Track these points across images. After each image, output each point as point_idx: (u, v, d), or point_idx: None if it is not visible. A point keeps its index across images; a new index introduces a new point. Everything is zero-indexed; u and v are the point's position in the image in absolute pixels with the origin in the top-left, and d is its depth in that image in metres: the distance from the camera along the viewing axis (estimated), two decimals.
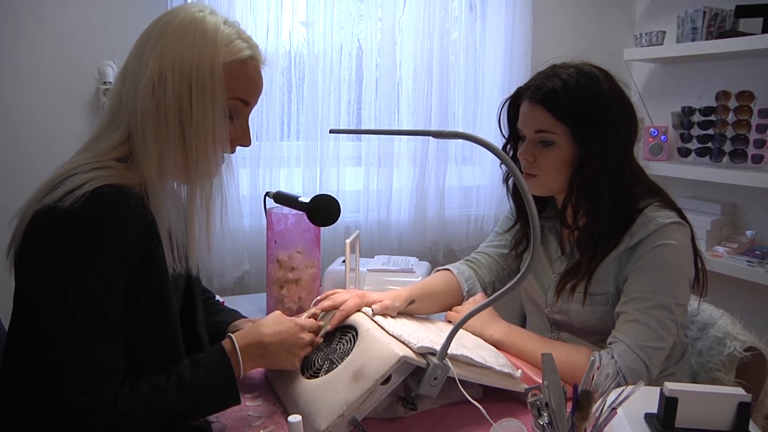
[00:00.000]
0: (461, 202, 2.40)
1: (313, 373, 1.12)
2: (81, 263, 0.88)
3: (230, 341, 1.06)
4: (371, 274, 1.67)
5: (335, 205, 1.39)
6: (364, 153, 2.22)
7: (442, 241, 2.35)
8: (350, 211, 2.22)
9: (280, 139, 2.07)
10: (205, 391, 0.98)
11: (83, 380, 0.89)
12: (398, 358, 1.01)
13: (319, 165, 2.12)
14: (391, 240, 2.27)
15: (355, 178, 2.22)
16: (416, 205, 2.29)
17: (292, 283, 1.52)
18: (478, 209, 2.42)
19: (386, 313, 1.24)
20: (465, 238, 2.39)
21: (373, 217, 2.24)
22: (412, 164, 2.28)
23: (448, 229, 2.37)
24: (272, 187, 1.90)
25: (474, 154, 2.42)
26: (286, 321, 1.13)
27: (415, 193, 2.29)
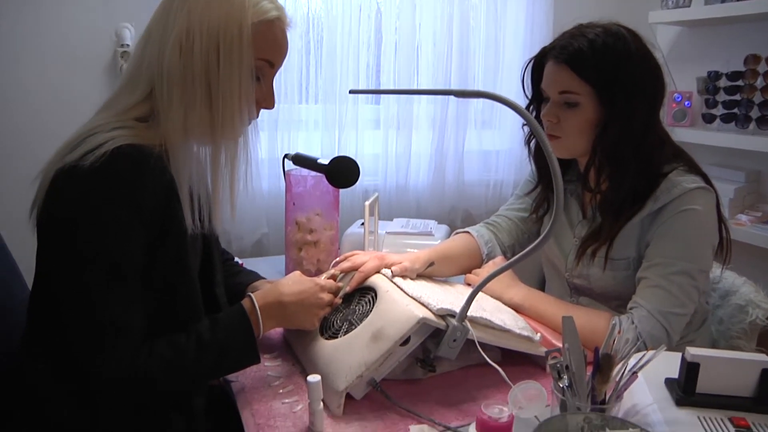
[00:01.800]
0: (480, 167, 2.37)
1: (332, 334, 1.12)
2: (100, 223, 0.88)
3: (250, 300, 1.06)
4: (390, 236, 1.67)
5: (354, 167, 1.38)
6: (383, 116, 2.19)
7: (460, 205, 2.34)
8: (369, 174, 2.20)
9: (298, 102, 2.06)
10: (224, 350, 0.99)
11: (102, 340, 0.89)
12: (418, 319, 1.01)
13: (337, 128, 2.10)
14: (410, 204, 2.25)
15: (374, 142, 2.20)
16: (435, 169, 2.27)
17: (311, 246, 1.51)
18: (497, 174, 2.39)
19: (405, 275, 1.23)
20: (483, 202, 2.37)
21: (392, 181, 2.23)
22: (431, 128, 2.26)
23: (467, 193, 2.35)
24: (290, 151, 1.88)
25: (494, 118, 2.39)
26: (306, 281, 1.13)
27: (434, 157, 2.27)
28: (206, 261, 1.12)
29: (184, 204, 0.96)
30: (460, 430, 0.96)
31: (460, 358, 1.09)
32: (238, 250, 2.02)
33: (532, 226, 1.50)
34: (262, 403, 1.03)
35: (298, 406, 1.02)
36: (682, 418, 0.86)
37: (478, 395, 1.06)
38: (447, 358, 1.05)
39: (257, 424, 0.97)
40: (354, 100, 2.10)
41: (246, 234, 2.03)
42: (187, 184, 0.96)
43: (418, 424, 0.97)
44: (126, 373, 0.90)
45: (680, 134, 2.16)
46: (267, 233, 2.06)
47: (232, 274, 1.30)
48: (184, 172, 0.96)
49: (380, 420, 0.98)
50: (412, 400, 1.04)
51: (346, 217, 1.98)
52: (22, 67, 1.79)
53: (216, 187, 0.99)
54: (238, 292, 1.21)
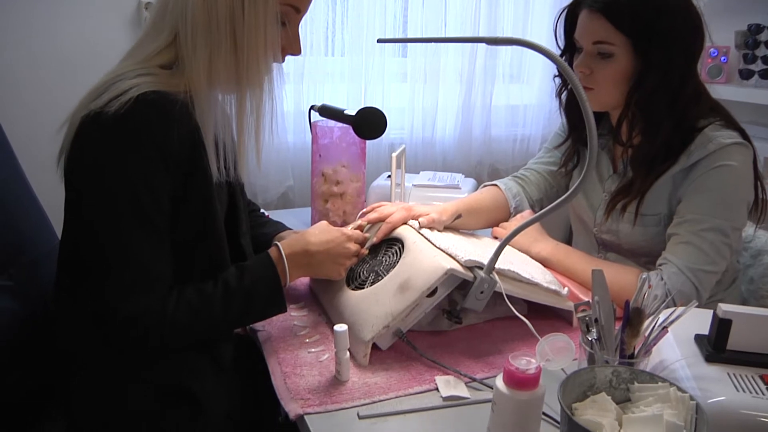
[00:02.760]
0: (508, 121, 2.34)
1: (359, 285, 1.12)
2: (126, 169, 0.88)
3: (277, 249, 1.06)
4: (416, 189, 1.65)
5: (381, 118, 1.37)
6: (410, 69, 2.16)
7: (487, 160, 2.32)
8: (395, 128, 2.18)
9: (324, 54, 2.03)
10: (251, 298, 0.99)
11: (131, 286, 0.90)
12: (445, 270, 1.00)
13: (363, 81, 2.07)
14: (436, 158, 2.24)
15: (400, 95, 2.17)
16: (462, 123, 2.24)
17: (337, 197, 1.51)
18: (525, 129, 2.36)
19: (433, 227, 1.22)
20: (510, 157, 2.35)
21: (418, 134, 2.20)
22: (458, 81, 2.22)
23: (494, 148, 2.32)
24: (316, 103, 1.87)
25: (522, 72, 2.34)
26: (333, 230, 1.12)
27: (461, 111, 2.24)
28: (231, 211, 1.12)
29: (210, 152, 0.95)
30: (486, 381, 0.96)
31: (486, 311, 1.09)
32: (264, 203, 2.02)
33: (561, 180, 1.48)
34: (288, 352, 1.04)
35: (324, 356, 1.02)
36: (711, 375, 0.85)
37: (504, 348, 1.06)
38: (473, 310, 1.05)
39: (284, 373, 0.98)
40: (380, 53, 2.07)
41: (271, 186, 2.03)
42: (212, 131, 0.96)
43: (443, 375, 0.98)
44: (156, 319, 0.91)
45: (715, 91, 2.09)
46: (292, 185, 2.06)
47: (258, 225, 1.30)
48: (209, 120, 0.95)
49: (406, 370, 0.99)
50: (438, 351, 1.04)
51: (372, 170, 1.96)
52: (49, 18, 1.78)
53: (241, 134, 0.98)
54: (264, 243, 1.21)
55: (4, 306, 1.03)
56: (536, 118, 2.36)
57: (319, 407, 0.89)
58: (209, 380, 1.01)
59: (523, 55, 2.31)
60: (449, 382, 0.95)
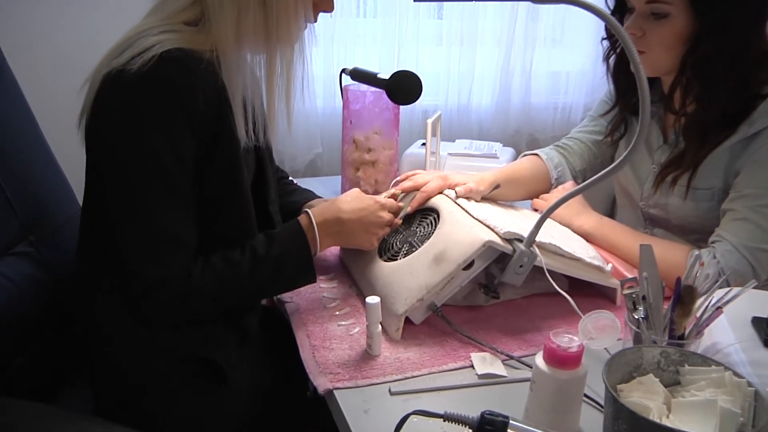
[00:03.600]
0: (548, 89, 2.29)
1: (392, 256, 1.10)
2: (149, 129, 0.87)
3: (307, 217, 1.05)
4: (452, 158, 1.63)
5: (416, 82, 1.34)
6: (445, 32, 2.11)
7: (525, 129, 2.27)
8: (429, 94, 2.12)
9: (356, 15, 2.00)
10: (280, 266, 0.98)
11: (156, 251, 0.89)
12: (483, 242, 0.98)
13: (396, 44, 2.03)
14: (472, 126, 2.20)
15: (435, 59, 2.13)
16: (500, 89, 2.20)
17: (369, 165, 1.49)
18: (567, 97, 2.31)
19: (470, 197, 1.20)
20: (550, 127, 2.30)
21: (453, 101, 2.17)
22: (497, 45, 2.17)
23: (533, 116, 2.28)
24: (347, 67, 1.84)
25: (565, 36, 2.28)
26: (366, 198, 1.11)
27: (499, 76, 2.19)
28: (259, 177, 1.11)
29: (237, 114, 0.94)
30: (524, 359, 0.94)
31: (525, 286, 1.07)
32: (291, 171, 2.01)
33: (606, 150, 1.44)
34: (317, 324, 1.03)
35: (354, 329, 1.01)
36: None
37: (542, 325, 1.04)
38: (511, 285, 1.03)
39: (312, 346, 0.97)
40: (415, 14, 2.03)
41: (299, 153, 2.02)
42: (240, 92, 0.94)
43: (479, 351, 0.96)
44: (180, 286, 0.91)
45: None
46: (321, 153, 2.04)
47: (287, 193, 1.29)
48: (236, 80, 0.93)
49: (439, 346, 0.97)
50: (474, 327, 1.02)
51: (405, 138, 1.94)
52: None
53: (271, 96, 0.96)
54: (292, 211, 1.20)
55: (28, 273, 1.03)
56: (579, 85, 2.30)
57: (349, 382, 0.88)
58: (234, 352, 1.01)
59: (566, 18, 2.25)
60: (485, 359, 0.94)
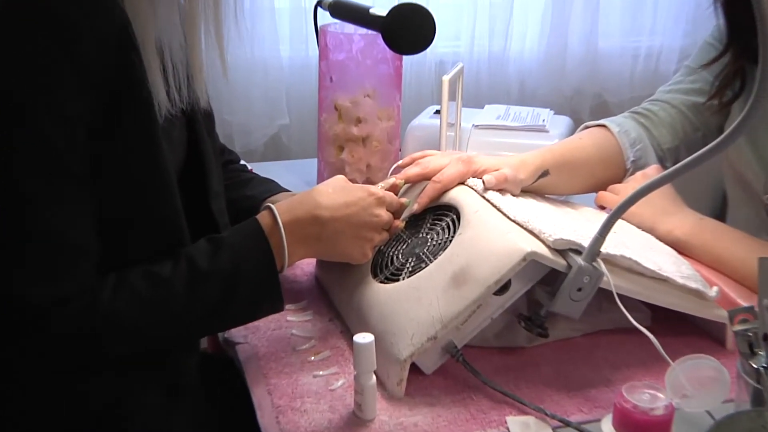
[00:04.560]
0: (625, 27, 2.32)
1: (391, 275, 1.12)
2: (19, 86, 0.87)
3: (270, 215, 1.05)
4: (480, 131, 1.65)
5: (427, 20, 1.35)
6: None
7: (590, 88, 2.31)
8: (446, 38, 2.17)
9: None
10: (230, 287, 0.99)
11: (43, 265, 0.90)
12: (523, 254, 0.99)
13: None
14: (510, 85, 2.23)
15: None
16: (551, 30, 2.23)
17: (358, 143, 1.51)
18: (653, 39, 2.34)
19: (505, 189, 1.22)
20: (628, 83, 2.33)
21: (482, 48, 2.19)
22: None
23: (602, 69, 2.31)
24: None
25: None
26: (355, 189, 1.12)
27: (550, 11, 2.23)
28: (193, 160, 1.12)
29: (150, 63, 0.94)
30: (586, 426, 0.95)
31: (586, 319, 1.09)
32: (245, 151, 2.03)
33: (711, 118, 1.46)
34: (283, 375, 1.05)
35: (337, 382, 1.03)
36: None
37: (612, 376, 1.06)
38: (566, 318, 1.05)
39: (276, 407, 0.98)
40: None
41: (255, 126, 2.03)
42: (152, 32, 0.94)
43: (519, 415, 0.97)
44: (82, 313, 0.91)
45: None
46: (288, 125, 2.06)
47: (238, 184, 1.31)
48: (146, 16, 0.94)
49: (461, 406, 0.99)
50: (511, 378, 1.04)
51: (410, 104, 1.96)
52: None
53: (194, 32, 0.98)
54: (247, 209, 1.21)
55: None
56: (671, 21, 2.33)
57: None
58: (160, 411, 1.03)
59: None
60: (528, 426, 0.95)
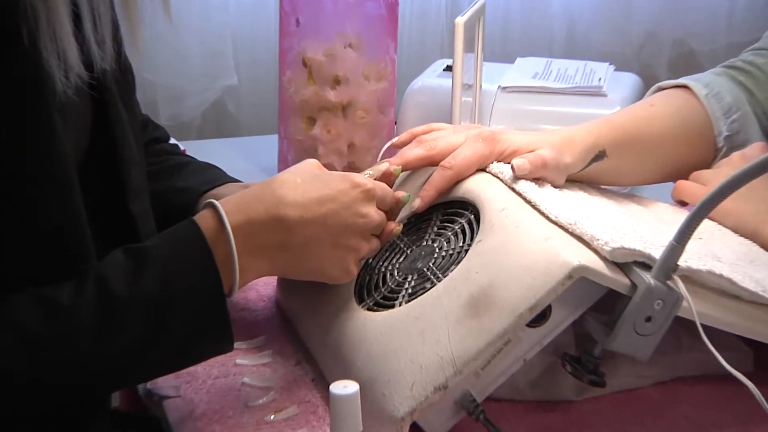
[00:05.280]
0: None
1: (384, 300, 1.13)
2: None
3: (213, 214, 1.05)
4: (508, 96, 1.67)
5: None
6: None
7: (668, 31, 2.36)
8: None
9: None
10: (157, 316, 0.99)
11: None
12: (569, 269, 0.99)
13: None
14: (552, 29, 2.27)
15: None
16: None
17: (336, 113, 1.53)
18: None
19: (543, 178, 1.23)
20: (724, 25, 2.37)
21: None
22: None
23: (686, 4, 2.33)
24: None
25: None
26: (333, 179, 1.13)
27: None
28: (103, 143, 1.14)
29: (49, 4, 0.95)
30: None
31: (659, 361, 1.09)
32: (176, 126, 2.05)
33: None
34: None
35: None
36: None
37: None
38: (631, 359, 1.05)
39: None
40: None
41: (190, 90, 2.05)
42: None
43: None
44: None
45: None
46: (236, 88, 2.08)
47: (167, 172, 1.34)
48: None
49: None
50: None
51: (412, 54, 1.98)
52: None
53: None
54: (180, 207, 1.24)
55: None
56: None
57: None
58: None
59: None
60: None
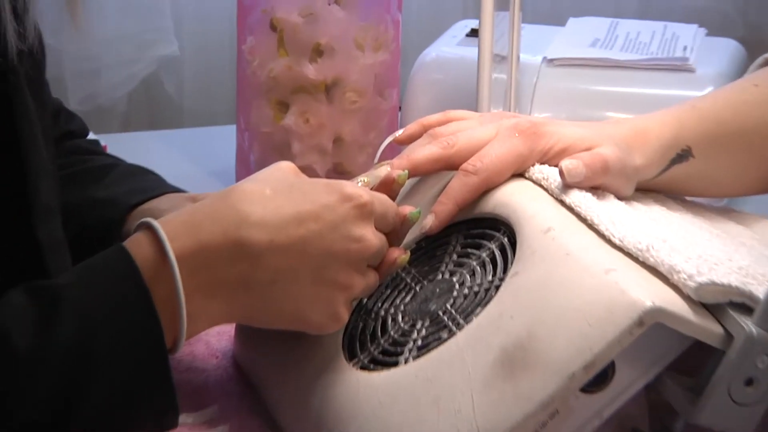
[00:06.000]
0: None
1: (383, 355, 1.15)
2: None
3: (150, 238, 1.08)
4: (555, 71, 1.70)
5: None
6: None
7: None
8: None
9: None
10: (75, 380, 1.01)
11: None
12: (640, 312, 1.00)
13: None
14: None
15: None
16: None
17: (317, 96, 1.54)
18: None
19: (604, 186, 1.25)
20: None
21: None
22: None
23: None
24: None
25: None
26: (315, 189, 1.15)
27: None
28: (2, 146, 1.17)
29: None
30: None
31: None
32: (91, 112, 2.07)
33: None
34: None
35: None
36: None
37: None
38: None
39: None
40: None
41: (110, 63, 2.07)
42: None
43: None
44: None
45: None
46: (177, 60, 2.11)
47: (84, 177, 1.36)
48: None
49: None
50: None
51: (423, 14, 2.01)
52: None
53: None
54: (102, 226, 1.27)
55: None
56: None
57: None
58: None
59: None
60: None
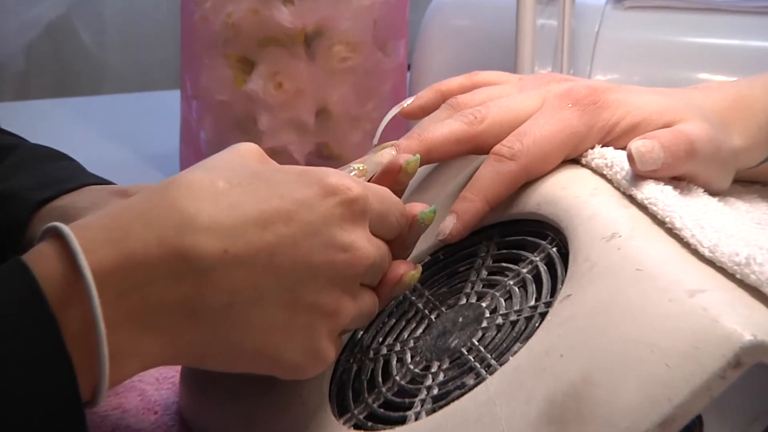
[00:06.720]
0: None
1: (386, 407, 1.17)
2: None
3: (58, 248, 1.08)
4: (625, 16, 1.74)
5: None
6: None
7: None
8: None
9: None
10: None
11: None
12: (737, 348, 1.01)
13: None
14: None
15: None
16: None
17: (292, 51, 1.55)
18: None
19: (688, 175, 1.27)
20: None
21: None
22: None
23: None
24: None
25: None
26: (289, 178, 1.16)
27: None
28: None
29: None
30: None
31: None
32: None
33: None
34: None
35: None
36: None
37: None
38: None
39: None
40: None
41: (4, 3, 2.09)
42: None
43: None
44: None
45: None
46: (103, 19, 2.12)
47: None
48: None
49: None
50: None
51: None
52: None
53: None
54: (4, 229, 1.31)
55: None
56: None
57: None
58: None
59: None
60: None
